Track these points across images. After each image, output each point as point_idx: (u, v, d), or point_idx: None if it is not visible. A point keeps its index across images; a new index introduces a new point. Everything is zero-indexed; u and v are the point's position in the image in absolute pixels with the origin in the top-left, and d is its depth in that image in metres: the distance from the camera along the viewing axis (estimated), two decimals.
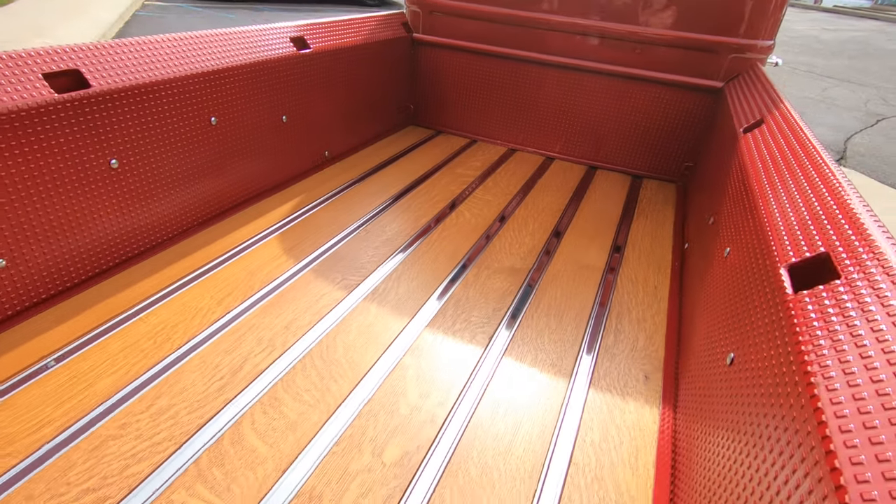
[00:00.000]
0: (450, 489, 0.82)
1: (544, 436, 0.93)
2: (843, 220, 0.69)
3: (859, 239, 0.63)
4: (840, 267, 0.61)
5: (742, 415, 0.64)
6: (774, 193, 0.87)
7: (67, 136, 1.07)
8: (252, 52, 1.48)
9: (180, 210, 1.39)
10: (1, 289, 1.03)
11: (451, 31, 2.28)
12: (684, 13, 1.89)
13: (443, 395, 0.99)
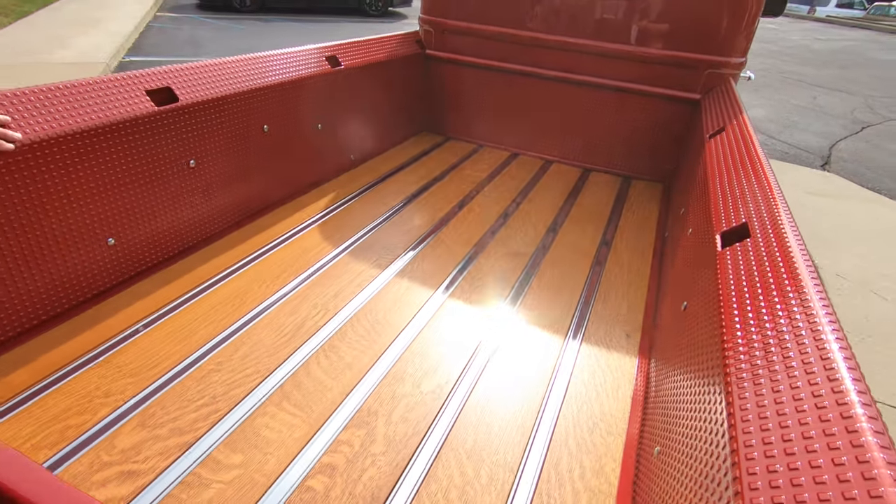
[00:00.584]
0: (473, 408, 1.07)
1: (545, 373, 1.18)
2: (760, 201, 0.95)
3: (767, 213, 0.89)
4: (752, 231, 0.87)
5: (687, 347, 0.89)
6: (721, 184, 1.13)
7: (161, 140, 1.33)
8: (296, 69, 1.75)
9: (241, 201, 1.65)
10: (112, 261, 1.29)
11: (459, 48, 2.55)
12: (667, 34, 2.16)
13: (465, 345, 1.25)
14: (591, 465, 0.97)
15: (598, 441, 1.03)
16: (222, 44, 7.82)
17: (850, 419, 0.46)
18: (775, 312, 0.65)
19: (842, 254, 3.45)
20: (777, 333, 0.62)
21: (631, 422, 1.08)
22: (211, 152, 1.49)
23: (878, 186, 4.76)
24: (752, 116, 6.71)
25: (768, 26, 16.03)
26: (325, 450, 0.95)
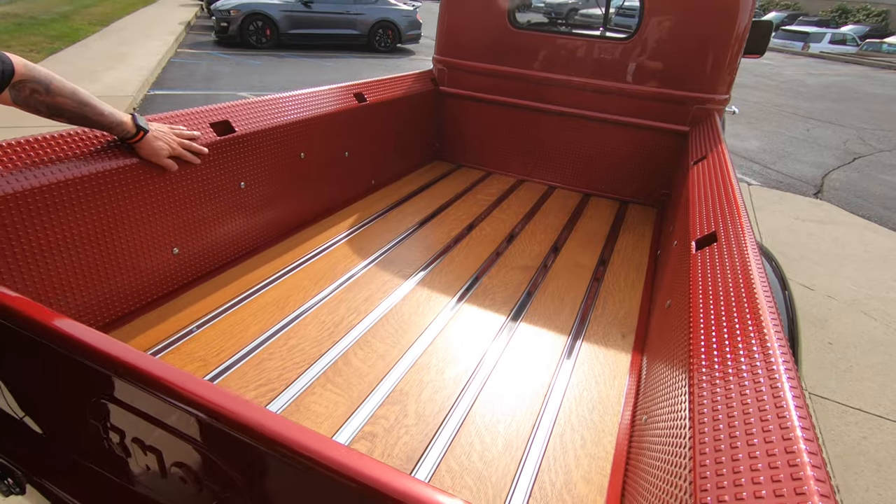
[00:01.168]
0: (489, 390, 1.25)
1: (551, 365, 1.36)
2: (727, 214, 1.15)
3: (732, 223, 1.09)
4: (719, 237, 1.07)
5: (669, 337, 1.08)
6: (699, 202, 1.34)
7: (219, 165, 1.55)
8: (329, 104, 1.99)
9: (281, 218, 1.87)
10: (176, 268, 1.49)
11: (469, 85, 2.81)
12: (659, 73, 2.41)
13: (481, 340, 1.43)
14: (590, 437, 1.14)
15: (596, 419, 1.20)
16: (239, 79, 8.24)
17: (780, 401, 0.59)
18: (731, 306, 0.84)
19: (832, 276, 3.62)
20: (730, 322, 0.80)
21: (625, 405, 1.25)
22: (258, 175, 1.71)
23: (869, 214, 4.97)
24: (747, 147, 6.99)
25: (763, 62, 16.58)
26: (365, 422, 1.13)
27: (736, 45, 2.28)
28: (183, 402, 0.59)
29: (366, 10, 11.93)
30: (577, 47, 2.52)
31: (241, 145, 1.61)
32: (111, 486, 0.86)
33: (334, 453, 0.51)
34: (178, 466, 0.71)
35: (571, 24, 24.75)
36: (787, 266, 3.71)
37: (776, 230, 4.34)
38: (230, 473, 0.64)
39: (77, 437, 0.83)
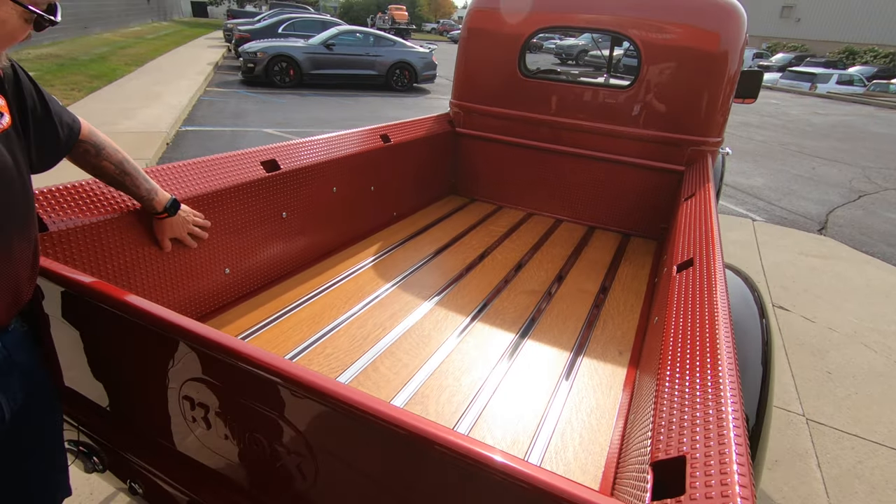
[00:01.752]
0: (499, 396, 1.43)
1: (553, 378, 1.53)
2: (704, 243, 1.34)
3: (706, 250, 1.29)
4: (696, 263, 1.26)
5: (652, 350, 1.26)
6: (682, 231, 1.54)
7: (266, 197, 1.79)
8: (358, 145, 2.25)
9: (315, 244, 2.09)
10: (229, 285, 1.71)
11: (482, 126, 3.07)
12: (657, 118, 2.64)
13: (493, 353, 1.61)
14: (588, 436, 1.31)
15: (594, 422, 1.37)
16: (264, 116, 8.71)
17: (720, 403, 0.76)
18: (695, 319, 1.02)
19: (834, 309, 3.74)
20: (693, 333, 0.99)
21: (619, 411, 1.41)
22: (297, 206, 1.95)
23: (873, 250, 5.08)
24: (752, 184, 7.18)
25: (770, 102, 16.94)
26: None
27: (725, 92, 2.51)
28: (273, 375, 0.79)
29: (384, 52, 12.56)
30: (581, 94, 2.78)
31: (284, 181, 1.85)
32: (189, 462, 1.05)
33: (390, 411, 0.70)
34: (254, 433, 0.90)
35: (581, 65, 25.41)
36: (789, 299, 3.84)
37: (779, 264, 4.48)
38: (300, 436, 0.84)
39: (163, 416, 1.03)
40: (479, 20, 2.95)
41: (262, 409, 0.86)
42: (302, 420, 0.83)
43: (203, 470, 1.04)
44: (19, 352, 0.99)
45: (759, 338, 1.51)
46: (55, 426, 1.14)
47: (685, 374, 0.85)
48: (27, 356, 1.02)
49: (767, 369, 1.44)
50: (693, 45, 2.48)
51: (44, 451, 1.11)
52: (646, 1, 2.57)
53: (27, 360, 1.02)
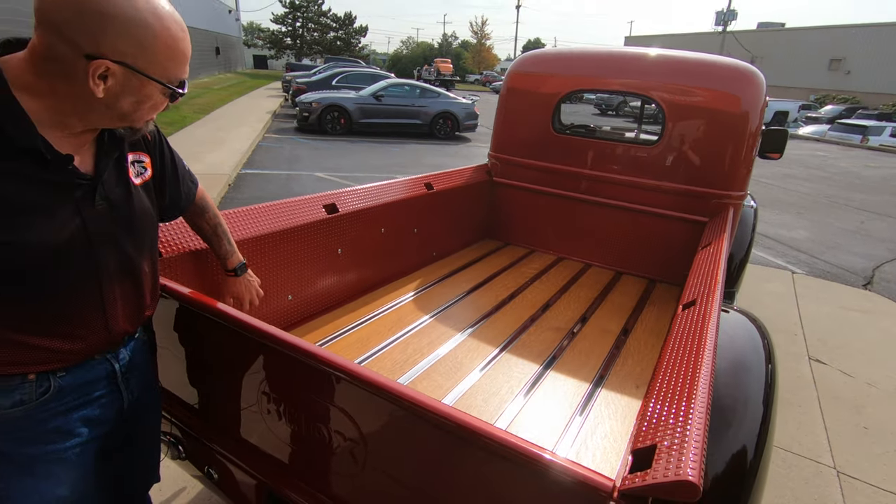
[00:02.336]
0: (520, 420, 1.60)
1: (573, 405, 1.69)
2: (707, 286, 1.51)
3: (708, 293, 1.46)
4: (697, 302, 1.43)
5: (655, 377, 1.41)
6: (694, 275, 1.70)
7: (325, 235, 2.08)
8: (405, 192, 2.54)
9: (365, 278, 2.36)
10: (291, 310, 1.98)
11: (517, 176, 3.33)
12: (681, 172, 2.82)
13: (518, 383, 1.79)
14: (601, 456, 1.46)
15: (607, 445, 1.52)
16: (316, 161, 9.35)
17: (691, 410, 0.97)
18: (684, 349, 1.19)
19: (875, 365, 3.68)
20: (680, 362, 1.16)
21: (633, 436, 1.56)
22: (351, 244, 2.23)
23: None
24: (794, 237, 7.09)
25: (817, 153, 16.64)
26: None
27: (747, 149, 2.68)
28: (343, 374, 1.01)
29: (429, 103, 13.30)
30: (610, 148, 3.01)
31: (342, 222, 2.15)
32: (258, 450, 1.28)
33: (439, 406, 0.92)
34: (316, 422, 1.12)
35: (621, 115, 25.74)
36: (826, 352, 3.80)
37: (818, 317, 4.43)
38: (356, 427, 1.05)
39: (242, 410, 1.27)
40: (518, 81, 3.27)
41: (327, 403, 1.09)
42: (360, 413, 1.05)
43: (270, 457, 1.27)
44: (139, 355, 1.20)
45: (763, 378, 1.62)
46: (157, 420, 1.37)
47: (670, 389, 1.02)
48: (144, 360, 1.24)
49: (769, 409, 1.55)
50: (715, 107, 2.69)
51: (147, 440, 1.34)
52: (670, 66, 2.81)
53: (144, 363, 1.25)
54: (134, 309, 1.12)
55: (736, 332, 1.83)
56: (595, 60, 3.07)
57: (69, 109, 0.89)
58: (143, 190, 1.11)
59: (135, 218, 1.07)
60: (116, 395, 1.14)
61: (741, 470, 1.36)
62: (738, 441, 1.41)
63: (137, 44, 0.86)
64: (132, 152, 1.10)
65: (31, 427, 1.00)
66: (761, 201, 9.01)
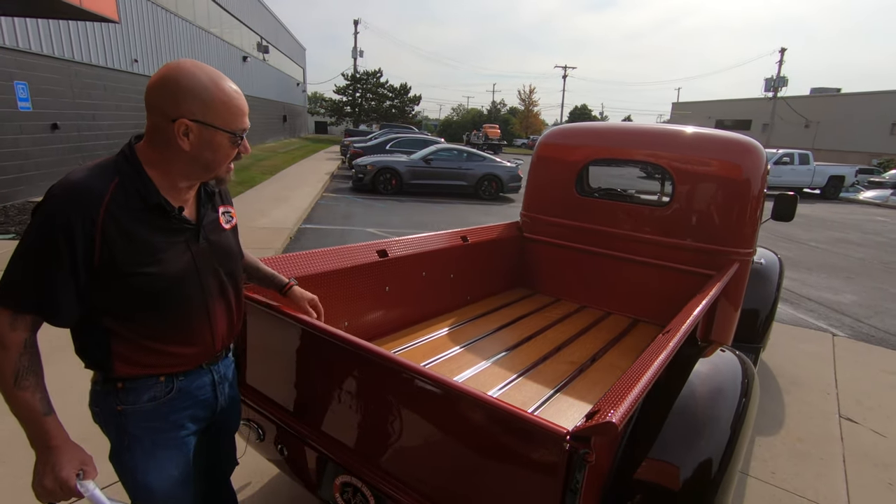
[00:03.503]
0: None
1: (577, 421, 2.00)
2: (684, 319, 1.84)
3: (681, 323, 1.78)
4: (671, 330, 1.76)
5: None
6: (683, 315, 2.03)
7: (376, 275, 2.55)
8: (444, 243, 3.01)
9: (406, 314, 2.80)
10: None
11: (546, 233, 3.74)
12: (690, 231, 3.15)
13: (532, 402, 2.12)
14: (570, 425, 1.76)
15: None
16: (368, 217, 10.14)
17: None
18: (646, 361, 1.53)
19: None
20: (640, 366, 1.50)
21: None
22: (396, 284, 2.69)
23: None
24: (840, 301, 6.98)
25: (876, 218, 16.05)
26: None
27: (750, 210, 2.98)
28: (401, 369, 1.43)
29: (475, 166, 14.12)
30: (627, 209, 3.39)
31: (390, 265, 2.62)
32: (322, 432, 1.69)
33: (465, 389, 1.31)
34: (382, 409, 1.53)
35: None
36: (860, 413, 3.80)
37: (856, 379, 4.41)
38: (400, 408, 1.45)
39: (314, 397, 1.70)
40: (546, 151, 3.76)
41: (383, 393, 1.50)
42: (407, 399, 1.45)
43: (328, 435, 1.67)
44: (228, 369, 1.48)
45: (735, 407, 1.86)
46: (237, 419, 1.62)
47: (624, 381, 1.38)
48: (232, 373, 1.52)
49: (736, 433, 1.78)
50: (718, 174, 3.05)
51: (231, 434, 1.61)
52: (678, 140, 3.22)
53: (232, 376, 1.51)
54: (229, 324, 1.39)
55: (723, 366, 2.10)
56: (613, 134, 3.52)
57: (174, 171, 1.18)
58: (230, 233, 1.40)
59: (227, 253, 1.35)
60: (214, 398, 1.40)
61: (706, 475, 1.62)
62: (705, 452, 1.67)
63: (203, 104, 1.12)
64: (222, 206, 1.38)
65: (158, 419, 1.27)
66: (808, 265, 8.91)
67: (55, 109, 9.59)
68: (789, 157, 20.07)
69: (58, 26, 9.62)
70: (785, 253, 9.69)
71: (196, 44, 18.07)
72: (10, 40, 8.37)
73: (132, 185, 1.13)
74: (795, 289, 7.43)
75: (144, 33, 13.85)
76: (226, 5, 21.67)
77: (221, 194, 1.41)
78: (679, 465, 1.63)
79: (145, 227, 1.14)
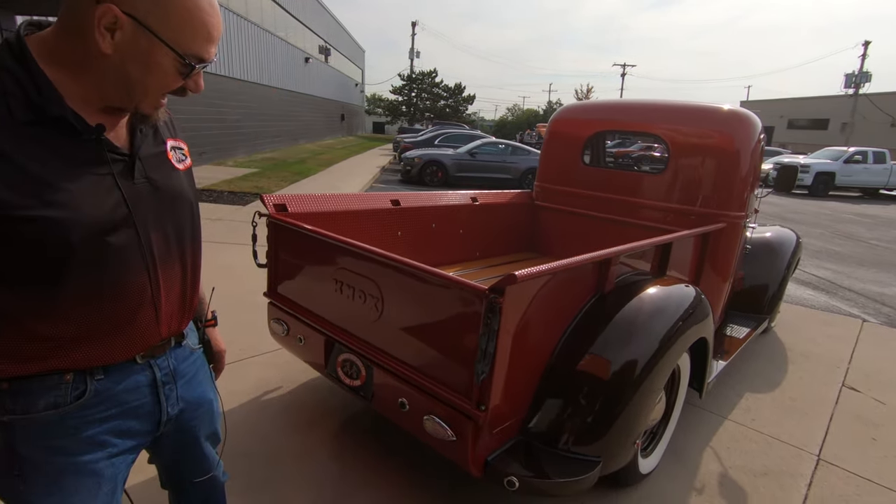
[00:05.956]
0: None
1: None
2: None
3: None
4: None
5: None
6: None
7: (390, 220, 3.01)
8: (453, 200, 3.43)
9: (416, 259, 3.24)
10: None
11: (555, 200, 4.07)
12: (688, 196, 3.39)
13: None
14: None
15: None
16: None
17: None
18: None
19: None
20: None
21: None
22: (407, 230, 3.15)
23: None
24: (883, 293, 6.76)
25: None
26: None
27: (738, 175, 3.19)
28: (379, 258, 1.88)
29: (519, 160, 14.40)
30: (626, 177, 3.68)
31: (401, 213, 3.08)
32: (326, 319, 2.17)
33: (434, 272, 1.75)
34: (369, 295, 1.99)
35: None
36: (865, 384, 3.85)
37: (872, 358, 4.40)
38: (381, 291, 1.91)
39: (324, 292, 2.18)
40: (557, 126, 4.10)
41: (368, 278, 1.96)
42: (382, 281, 1.91)
43: (334, 325, 2.15)
44: (187, 366, 1.13)
45: (670, 325, 2.16)
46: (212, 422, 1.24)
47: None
48: (193, 371, 1.15)
49: (665, 347, 2.09)
50: (711, 143, 3.28)
51: (194, 451, 1.22)
52: (676, 112, 3.48)
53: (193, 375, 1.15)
54: (182, 300, 1.05)
55: (674, 293, 2.40)
56: (617, 109, 3.82)
57: (87, 80, 0.82)
58: (185, 176, 1.05)
59: (178, 201, 1.01)
60: (154, 405, 1.03)
61: (630, 373, 1.96)
62: (634, 354, 2.00)
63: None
64: (172, 139, 1.04)
65: (64, 434, 0.91)
66: (860, 260, 8.58)
67: None
68: (862, 156, 18.81)
69: None
70: (838, 249, 9.34)
71: (263, 45, 19.44)
72: None
73: (16, 87, 0.77)
74: (836, 280, 7.25)
75: None
76: (290, 9, 23.09)
77: (170, 124, 1.07)
78: (611, 361, 1.99)
79: (41, 150, 0.79)
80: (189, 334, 1.15)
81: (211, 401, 1.22)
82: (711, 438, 2.91)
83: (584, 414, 1.90)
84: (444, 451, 1.79)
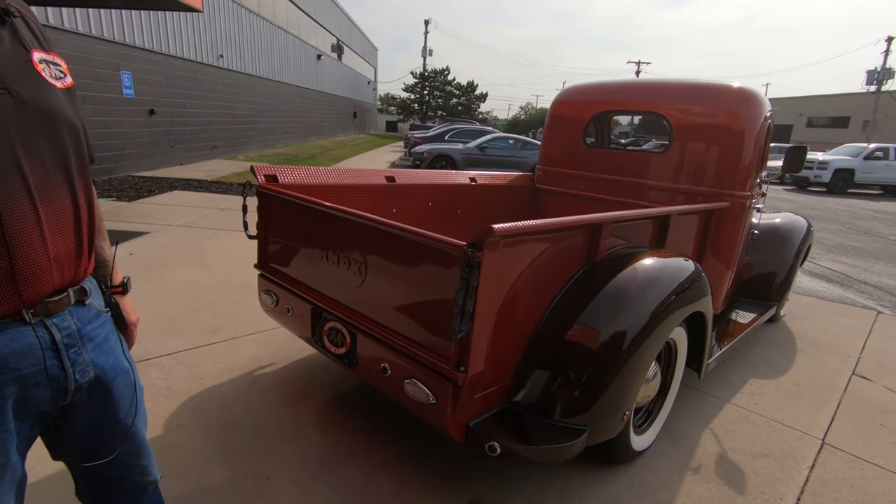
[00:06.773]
0: None
1: None
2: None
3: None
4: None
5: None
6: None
7: (385, 196, 2.98)
8: (449, 180, 3.39)
9: None
10: None
11: (556, 183, 4.01)
12: (691, 176, 3.31)
13: None
14: None
15: None
16: None
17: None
18: None
19: None
20: None
21: None
22: (403, 207, 3.11)
23: None
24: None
25: None
26: None
27: (743, 154, 3.10)
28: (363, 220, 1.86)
29: (529, 155, 14.28)
30: (627, 158, 3.60)
31: (397, 189, 3.05)
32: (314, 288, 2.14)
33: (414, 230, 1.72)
34: (353, 260, 1.96)
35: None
36: (878, 373, 3.72)
37: (886, 349, 4.27)
38: (364, 255, 1.88)
39: (314, 261, 2.16)
40: (558, 109, 4.03)
41: (351, 242, 1.93)
42: (365, 245, 1.88)
43: (318, 292, 2.13)
44: (97, 328, 0.98)
45: (662, 297, 2.10)
46: (127, 404, 1.06)
47: None
48: (104, 335, 1.01)
49: (655, 320, 2.03)
50: (715, 122, 3.19)
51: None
52: (679, 90, 3.40)
53: (104, 339, 1.00)
54: (77, 242, 0.90)
55: (671, 265, 2.32)
56: (618, 89, 3.74)
57: None
58: (64, 95, 0.89)
59: (55, 122, 0.85)
60: (58, 370, 0.88)
61: (619, 344, 1.90)
62: (623, 325, 1.94)
63: None
64: (42, 50, 0.88)
65: None
66: (877, 255, 8.35)
67: (152, 97, 10.96)
68: (883, 152, 18.35)
69: (156, 23, 11.00)
70: (854, 244, 9.10)
71: (275, 42, 19.58)
72: (119, 35, 9.74)
73: None
74: (851, 273, 7.05)
75: (229, 31, 15.29)
76: (303, 6, 23.22)
77: (37, 33, 0.90)
78: (599, 331, 1.93)
79: None
80: (93, 293, 0.99)
81: (128, 370, 1.06)
82: (711, 421, 2.83)
83: (572, 384, 1.85)
84: (426, 415, 1.76)
